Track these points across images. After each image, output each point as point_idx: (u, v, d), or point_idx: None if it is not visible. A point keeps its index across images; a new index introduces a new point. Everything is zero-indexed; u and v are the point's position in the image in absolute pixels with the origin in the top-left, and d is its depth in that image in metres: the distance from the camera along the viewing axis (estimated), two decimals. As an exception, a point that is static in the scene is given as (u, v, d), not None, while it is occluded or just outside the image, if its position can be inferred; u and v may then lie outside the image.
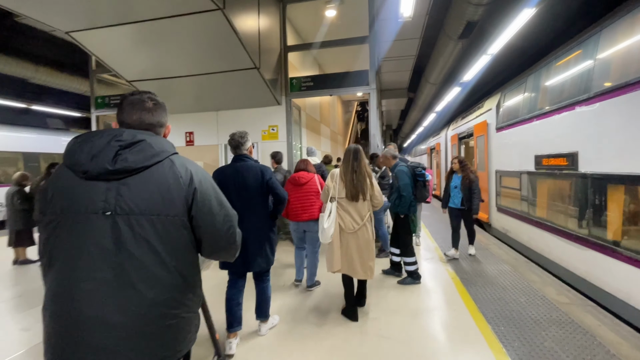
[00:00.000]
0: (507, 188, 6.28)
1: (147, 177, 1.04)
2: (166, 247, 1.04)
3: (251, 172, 2.54)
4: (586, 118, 3.79)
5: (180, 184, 1.07)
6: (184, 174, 1.09)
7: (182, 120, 6.80)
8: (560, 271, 4.39)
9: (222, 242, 1.19)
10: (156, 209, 1.03)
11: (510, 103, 6.31)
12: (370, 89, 5.88)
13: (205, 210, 1.12)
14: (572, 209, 4.17)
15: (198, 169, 1.17)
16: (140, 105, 1.15)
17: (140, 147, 1.05)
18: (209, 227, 1.13)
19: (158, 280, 1.02)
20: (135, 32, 4.58)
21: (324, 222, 2.81)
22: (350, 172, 2.85)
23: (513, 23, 4.72)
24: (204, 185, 1.14)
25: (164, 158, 1.08)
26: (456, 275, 4.10)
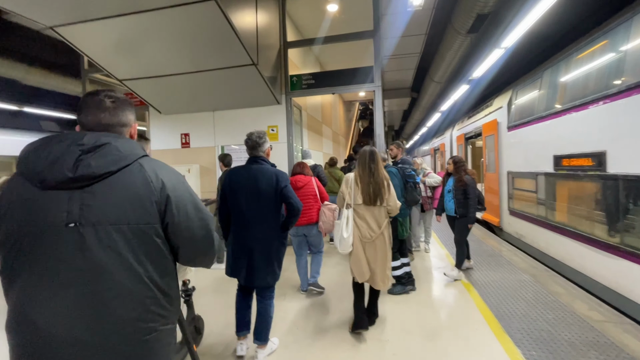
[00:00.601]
0: (521, 190, 5.93)
1: (114, 183, 0.96)
2: (139, 257, 0.97)
3: (265, 176, 2.34)
4: (616, 114, 3.45)
5: (151, 189, 1.00)
6: (154, 179, 1.01)
7: (178, 121, 6.48)
8: (586, 281, 4.02)
9: (200, 248, 1.14)
10: (126, 218, 0.96)
11: (524, 100, 5.96)
12: (375, 87, 5.55)
13: (180, 217, 1.05)
14: (598, 213, 3.82)
15: (171, 173, 1.09)
16: (97, 105, 1.05)
17: (104, 151, 0.96)
18: (185, 233, 1.07)
19: (131, 294, 0.96)
20: (125, 26, 4.26)
21: (342, 231, 2.65)
22: (368, 175, 2.69)
23: (532, 12, 4.38)
24: (178, 190, 1.06)
25: (132, 162, 1.00)
26: (472, 287, 3.75)
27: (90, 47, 4.74)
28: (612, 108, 3.50)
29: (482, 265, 4.55)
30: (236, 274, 2.42)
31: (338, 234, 2.70)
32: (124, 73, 5.34)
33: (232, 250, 2.42)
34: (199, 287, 3.93)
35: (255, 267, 2.32)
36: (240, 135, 6.18)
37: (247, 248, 2.32)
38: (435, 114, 14.21)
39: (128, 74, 5.35)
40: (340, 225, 2.70)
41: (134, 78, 5.40)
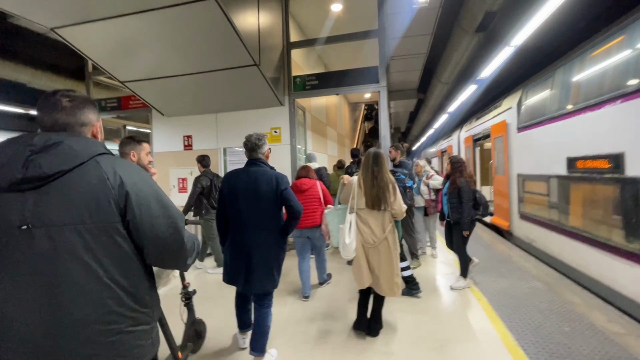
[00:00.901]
0: (532, 193, 5.72)
1: (68, 182, 0.94)
2: (98, 258, 0.95)
3: (265, 179, 2.29)
4: (635, 113, 3.25)
5: (107, 186, 0.97)
6: (112, 176, 0.99)
7: (180, 123, 6.42)
8: (604, 290, 3.81)
9: (168, 248, 1.09)
10: (81, 218, 0.94)
11: (535, 100, 5.76)
12: (380, 87, 5.42)
13: (143, 214, 1.02)
14: (616, 218, 3.61)
15: (132, 169, 1.07)
16: (54, 105, 1.03)
17: (56, 150, 0.94)
18: (149, 231, 1.03)
19: (90, 296, 0.94)
20: (125, 27, 4.20)
21: (345, 236, 2.57)
22: (371, 178, 2.61)
23: (543, 8, 4.21)
24: (139, 186, 1.03)
25: (86, 160, 0.97)
26: (482, 295, 3.57)
27: (92, 48, 4.70)
28: (630, 107, 3.31)
29: (491, 272, 4.36)
30: (234, 281, 2.34)
31: (341, 240, 2.61)
32: (125, 75, 5.30)
33: (230, 256, 2.35)
34: (203, 290, 3.85)
35: (254, 273, 2.25)
36: (243, 138, 6.12)
37: (246, 253, 2.26)
38: (443, 115, 13.99)
39: (130, 76, 5.30)
40: (343, 231, 2.61)
41: (135, 80, 5.35)
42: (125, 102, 6.79)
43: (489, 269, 4.49)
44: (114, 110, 6.88)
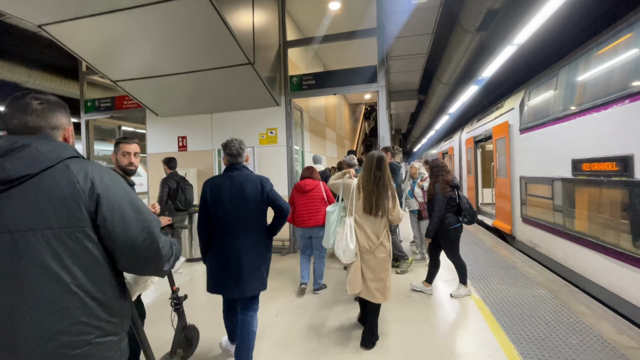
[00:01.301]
0: (535, 196, 5.55)
1: (34, 186, 0.91)
2: (65, 264, 0.91)
3: (250, 182, 2.30)
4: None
5: (77, 190, 0.94)
6: (82, 179, 0.96)
7: (174, 123, 6.29)
8: (612, 299, 3.64)
9: (142, 252, 1.04)
10: (48, 222, 0.91)
11: (538, 101, 5.60)
12: (379, 87, 5.28)
13: (115, 218, 0.99)
14: (626, 223, 3.45)
15: (104, 172, 1.03)
16: (23, 107, 1.00)
17: (22, 154, 0.92)
18: (121, 236, 1.00)
19: (56, 305, 0.90)
20: (115, 23, 4.07)
21: (347, 241, 2.53)
22: (372, 182, 2.54)
23: (547, 5, 4.06)
24: (111, 190, 1.01)
25: (55, 163, 0.95)
26: (484, 305, 3.41)
27: (81, 46, 4.57)
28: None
29: (494, 278, 4.20)
30: (223, 289, 2.28)
31: (342, 244, 2.55)
32: (117, 74, 5.17)
33: (217, 264, 2.28)
34: (195, 295, 3.71)
35: (244, 276, 2.22)
36: (238, 138, 5.98)
37: (235, 258, 2.22)
38: (444, 116, 13.84)
39: (121, 75, 5.17)
40: (343, 235, 2.55)
41: (127, 79, 5.23)
42: (119, 102, 6.66)
43: (491, 275, 4.33)
44: (108, 110, 6.76)
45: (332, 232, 2.71)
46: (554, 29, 5.62)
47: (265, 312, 3.28)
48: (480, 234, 7.24)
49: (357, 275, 2.57)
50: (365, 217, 2.57)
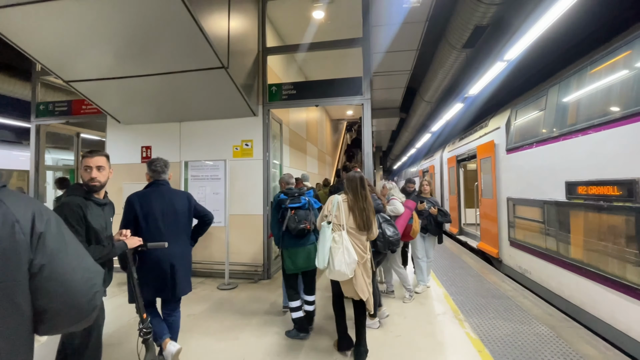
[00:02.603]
0: (525, 219, 5.30)
1: None
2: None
3: (178, 197, 2.62)
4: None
5: (14, 232, 0.76)
6: (21, 217, 0.78)
7: (139, 132, 5.67)
8: (618, 338, 3.31)
9: (81, 309, 0.85)
10: None
11: (526, 120, 5.45)
12: (364, 100, 4.94)
13: (57, 264, 0.81)
14: (631, 252, 3.16)
15: (42, 206, 0.86)
16: None
17: None
18: (61, 288, 0.81)
19: None
20: (65, 12, 3.52)
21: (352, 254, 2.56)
22: (361, 201, 2.71)
23: (539, 22, 3.90)
24: (53, 228, 0.84)
25: None
26: (484, 347, 2.97)
27: (26, 37, 3.95)
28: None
29: (488, 311, 3.80)
30: (159, 293, 2.49)
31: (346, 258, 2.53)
32: (70, 73, 4.56)
33: (151, 272, 2.42)
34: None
35: (177, 281, 2.49)
36: (210, 150, 5.44)
37: (169, 264, 2.45)
38: (425, 134, 13.83)
39: (76, 74, 4.57)
40: (343, 250, 2.55)
41: (83, 79, 4.62)
42: (77, 106, 5.98)
43: (484, 307, 3.93)
44: (63, 115, 6.05)
45: (328, 249, 2.60)
46: (539, 48, 5.55)
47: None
48: (464, 255, 6.93)
49: (362, 282, 2.64)
50: (356, 234, 2.69)
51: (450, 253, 7.17)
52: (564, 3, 3.56)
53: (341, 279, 2.59)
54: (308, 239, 3.17)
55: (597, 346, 3.00)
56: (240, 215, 5.15)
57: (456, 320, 3.55)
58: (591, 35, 5.26)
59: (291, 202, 3.16)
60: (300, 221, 3.08)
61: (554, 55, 6.38)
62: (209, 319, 3.63)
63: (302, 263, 3.12)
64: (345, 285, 2.67)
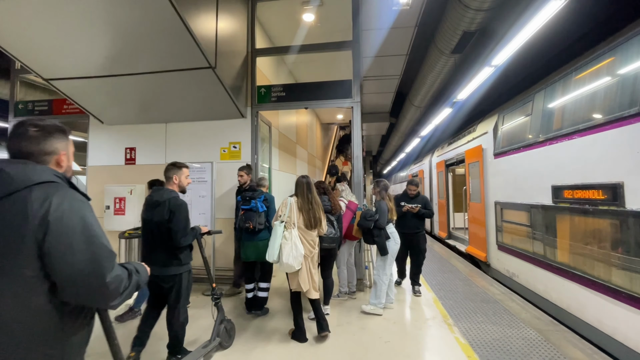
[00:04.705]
0: (512, 223, 5.34)
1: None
2: (1, 291, 0.93)
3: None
4: (638, 139, 2.91)
5: (26, 216, 0.95)
6: (38, 206, 0.97)
7: (123, 133, 5.51)
8: (605, 340, 3.33)
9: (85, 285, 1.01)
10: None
11: (512, 125, 5.52)
12: (354, 103, 4.92)
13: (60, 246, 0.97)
14: (616, 255, 3.19)
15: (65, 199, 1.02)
16: (21, 133, 1.08)
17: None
18: (64, 267, 0.98)
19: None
20: (45, 6, 3.38)
21: (299, 248, 2.93)
22: (308, 203, 3.11)
23: (525, 29, 3.96)
24: (65, 218, 1.00)
25: (21, 188, 0.98)
26: (473, 352, 2.94)
27: (4, 33, 3.78)
28: (631, 132, 2.97)
29: (477, 315, 3.78)
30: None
31: (293, 252, 2.90)
32: (51, 71, 4.40)
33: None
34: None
35: None
36: (196, 152, 5.32)
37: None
38: (415, 139, 13.95)
39: (57, 72, 4.41)
40: (292, 245, 2.92)
41: (64, 78, 4.46)
42: (58, 106, 5.79)
43: (473, 311, 3.92)
44: (44, 114, 5.83)
45: (278, 245, 2.96)
46: (526, 54, 5.65)
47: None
48: (452, 259, 6.95)
49: (305, 275, 3.00)
50: (306, 231, 3.06)
51: (439, 257, 7.18)
52: (549, 11, 3.62)
53: (289, 271, 2.98)
54: (257, 235, 3.66)
55: (583, 349, 3.01)
56: (227, 219, 5.03)
57: (445, 325, 3.51)
58: (576, 42, 5.37)
59: (242, 205, 3.78)
60: (245, 221, 3.64)
61: (540, 61, 6.51)
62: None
63: (251, 254, 3.67)
64: (292, 278, 3.04)
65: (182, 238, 2.47)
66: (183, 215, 2.51)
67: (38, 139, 1.09)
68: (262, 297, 3.80)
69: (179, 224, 2.47)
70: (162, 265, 2.47)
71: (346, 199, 4.25)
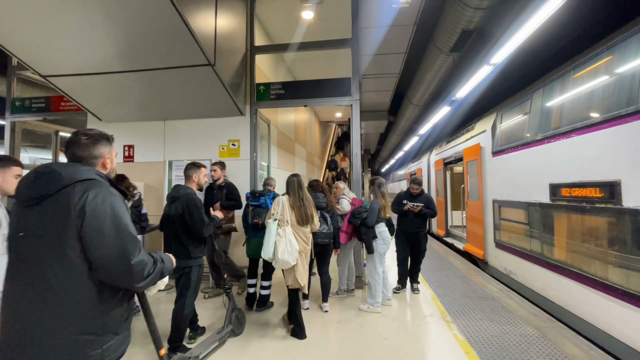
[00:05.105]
0: (510, 221, 5.37)
1: (50, 202, 1.17)
2: (51, 265, 1.13)
3: None
4: (635, 137, 2.93)
5: (69, 207, 1.15)
6: (77, 198, 1.16)
7: (121, 130, 5.48)
8: (601, 337, 3.36)
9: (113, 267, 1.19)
10: (47, 230, 1.15)
11: (511, 124, 5.55)
12: (353, 100, 4.92)
13: (94, 232, 1.16)
14: (612, 253, 3.22)
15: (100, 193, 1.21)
16: (75, 142, 1.31)
17: (47, 178, 1.19)
18: (97, 250, 1.16)
19: (39, 296, 1.13)
20: (42, 1, 3.35)
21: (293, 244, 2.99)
22: (299, 200, 3.17)
23: (523, 27, 3.97)
24: (98, 208, 1.18)
25: (68, 184, 1.18)
26: (471, 348, 2.96)
27: (0, 29, 3.75)
28: (629, 130, 2.99)
29: (475, 312, 3.81)
30: None
31: (288, 248, 2.96)
32: (49, 67, 4.37)
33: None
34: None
35: None
36: (195, 149, 5.31)
37: None
38: (413, 137, 13.97)
39: (55, 69, 4.38)
40: (286, 241, 2.98)
41: (62, 75, 4.43)
42: (56, 103, 5.75)
43: (471, 308, 3.95)
44: (41, 111, 5.80)
45: (272, 243, 3.00)
46: (525, 52, 5.67)
47: None
48: (450, 257, 6.99)
49: (302, 270, 3.07)
50: (298, 227, 3.13)
51: (437, 255, 7.21)
52: (547, 9, 3.63)
53: (285, 267, 3.01)
54: (261, 232, 3.59)
55: (580, 346, 3.04)
56: (226, 217, 5.03)
57: (444, 322, 3.54)
58: (574, 41, 5.39)
59: (252, 201, 3.86)
60: (254, 217, 3.71)
61: (538, 59, 6.53)
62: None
63: (257, 250, 3.57)
64: (288, 274, 3.07)
65: (202, 229, 2.70)
66: (195, 208, 2.71)
67: (87, 146, 1.31)
68: (265, 294, 3.86)
69: (193, 216, 2.69)
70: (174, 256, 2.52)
71: (349, 196, 4.25)
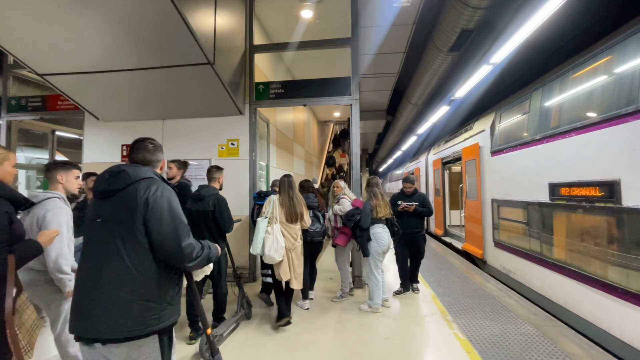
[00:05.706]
0: (509, 220, 5.39)
1: (121, 195, 1.45)
2: (124, 245, 1.39)
3: None
4: (635, 136, 2.94)
5: (137, 198, 1.43)
6: (142, 192, 1.44)
7: (119, 130, 5.46)
8: (601, 336, 3.37)
9: (169, 248, 1.44)
10: (120, 217, 1.42)
11: (510, 123, 5.56)
12: (352, 100, 4.91)
13: (155, 219, 1.43)
14: (612, 252, 3.23)
15: (159, 188, 1.49)
16: (144, 147, 1.62)
17: (120, 176, 1.47)
18: (156, 233, 1.42)
19: (115, 270, 1.37)
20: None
21: (279, 241, 3.20)
22: (288, 199, 3.37)
23: (524, 27, 3.98)
24: (158, 199, 1.46)
25: (134, 181, 1.46)
26: (472, 348, 2.96)
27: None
28: (628, 130, 3.00)
29: (475, 311, 3.82)
30: None
31: (275, 245, 3.16)
32: (45, 66, 4.33)
33: None
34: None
35: None
36: (194, 149, 5.28)
37: None
38: (411, 137, 13.99)
39: (51, 68, 4.34)
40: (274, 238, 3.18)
41: (59, 73, 4.39)
42: (53, 102, 5.70)
43: (471, 307, 3.95)
44: (37, 110, 5.74)
45: (261, 239, 3.21)
46: (524, 52, 5.68)
47: None
48: (449, 256, 7.00)
49: (286, 266, 3.25)
50: (287, 225, 3.32)
51: (436, 254, 7.23)
52: (547, 9, 3.63)
53: (271, 262, 3.22)
54: None
55: (581, 345, 3.05)
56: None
57: (444, 321, 3.54)
58: (573, 41, 5.42)
59: (258, 201, 4.16)
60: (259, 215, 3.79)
61: (537, 59, 6.55)
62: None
63: None
64: (276, 268, 3.27)
65: (230, 225, 3.15)
66: (226, 207, 3.16)
67: (154, 151, 1.63)
68: (267, 282, 4.03)
69: (224, 214, 3.10)
70: None
71: (349, 196, 4.19)
